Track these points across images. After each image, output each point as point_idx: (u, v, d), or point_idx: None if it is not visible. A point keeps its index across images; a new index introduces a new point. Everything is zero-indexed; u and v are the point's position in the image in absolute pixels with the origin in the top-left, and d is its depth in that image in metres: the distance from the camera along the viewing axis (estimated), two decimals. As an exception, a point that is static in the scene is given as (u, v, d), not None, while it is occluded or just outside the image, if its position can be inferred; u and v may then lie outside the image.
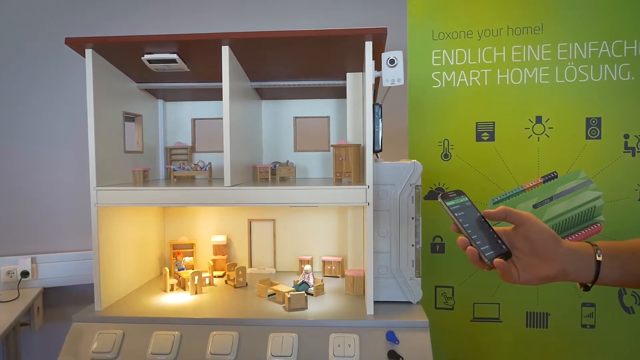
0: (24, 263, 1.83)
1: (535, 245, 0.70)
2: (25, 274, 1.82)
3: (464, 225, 0.72)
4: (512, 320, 1.60)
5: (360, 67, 1.41)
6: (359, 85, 1.44)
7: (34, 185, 1.92)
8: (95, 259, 1.27)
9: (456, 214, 0.73)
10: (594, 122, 1.53)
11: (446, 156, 1.63)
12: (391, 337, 1.11)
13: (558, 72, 1.55)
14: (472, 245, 0.70)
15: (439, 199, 0.75)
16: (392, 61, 1.15)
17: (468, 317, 1.64)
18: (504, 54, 1.59)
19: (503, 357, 1.61)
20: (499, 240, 0.71)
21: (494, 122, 1.60)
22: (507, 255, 0.70)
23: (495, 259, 0.68)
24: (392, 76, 1.16)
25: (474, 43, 1.60)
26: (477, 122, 1.61)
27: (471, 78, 1.61)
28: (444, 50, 1.62)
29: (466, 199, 0.76)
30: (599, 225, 1.54)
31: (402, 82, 1.17)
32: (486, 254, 0.69)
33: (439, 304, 1.66)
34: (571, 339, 1.56)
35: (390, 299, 1.28)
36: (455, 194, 0.76)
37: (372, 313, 1.20)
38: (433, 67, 1.62)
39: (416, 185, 1.26)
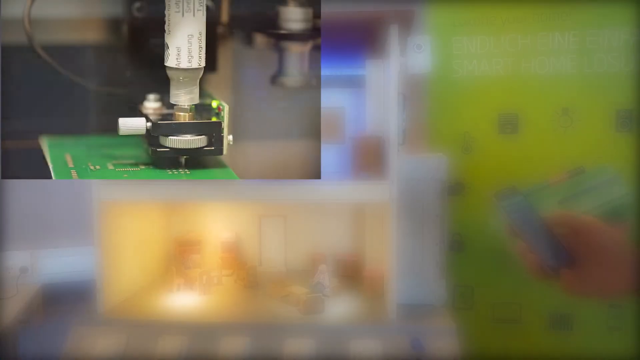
0: (23, 258, 1.76)
1: (603, 253, 0.61)
2: (23, 269, 1.76)
3: (522, 229, 0.63)
4: (534, 321, 1.54)
5: (381, 54, 1.32)
6: (380, 73, 1.35)
7: (32, 177, 1.85)
8: (97, 258, 1.20)
9: (512, 216, 0.64)
10: (625, 114, 1.45)
11: (466, 149, 1.55)
12: (417, 344, 1.04)
13: (587, 61, 1.46)
14: (532, 252, 0.62)
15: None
16: (419, 47, 1.06)
17: (487, 318, 1.57)
18: (528, 41, 1.50)
19: (524, 360, 1.55)
20: (560, 246, 0.62)
21: (517, 114, 1.52)
22: (571, 264, 0.61)
23: (561, 269, 0.60)
24: (419, 63, 1.07)
25: (497, 30, 1.51)
26: (499, 114, 1.53)
27: (494, 67, 1.52)
28: (465, 38, 1.53)
29: (521, 197, 0.67)
30: (627, 223, 1.47)
31: (429, 69, 1.08)
32: (548, 263, 0.61)
33: (457, 304, 1.59)
34: (597, 342, 1.50)
35: (413, 301, 1.21)
36: (509, 191, 0.67)
37: (395, 317, 1.13)
38: (453, 55, 1.53)
39: (442, 181, 1.18)
